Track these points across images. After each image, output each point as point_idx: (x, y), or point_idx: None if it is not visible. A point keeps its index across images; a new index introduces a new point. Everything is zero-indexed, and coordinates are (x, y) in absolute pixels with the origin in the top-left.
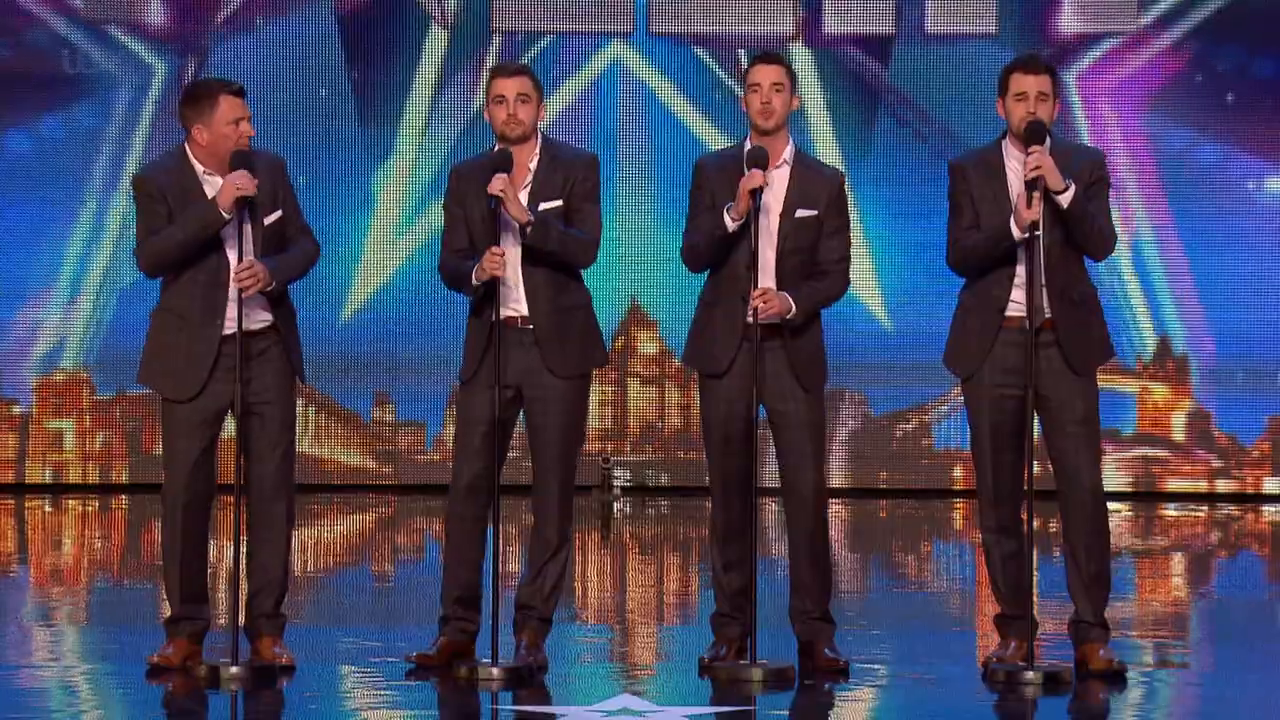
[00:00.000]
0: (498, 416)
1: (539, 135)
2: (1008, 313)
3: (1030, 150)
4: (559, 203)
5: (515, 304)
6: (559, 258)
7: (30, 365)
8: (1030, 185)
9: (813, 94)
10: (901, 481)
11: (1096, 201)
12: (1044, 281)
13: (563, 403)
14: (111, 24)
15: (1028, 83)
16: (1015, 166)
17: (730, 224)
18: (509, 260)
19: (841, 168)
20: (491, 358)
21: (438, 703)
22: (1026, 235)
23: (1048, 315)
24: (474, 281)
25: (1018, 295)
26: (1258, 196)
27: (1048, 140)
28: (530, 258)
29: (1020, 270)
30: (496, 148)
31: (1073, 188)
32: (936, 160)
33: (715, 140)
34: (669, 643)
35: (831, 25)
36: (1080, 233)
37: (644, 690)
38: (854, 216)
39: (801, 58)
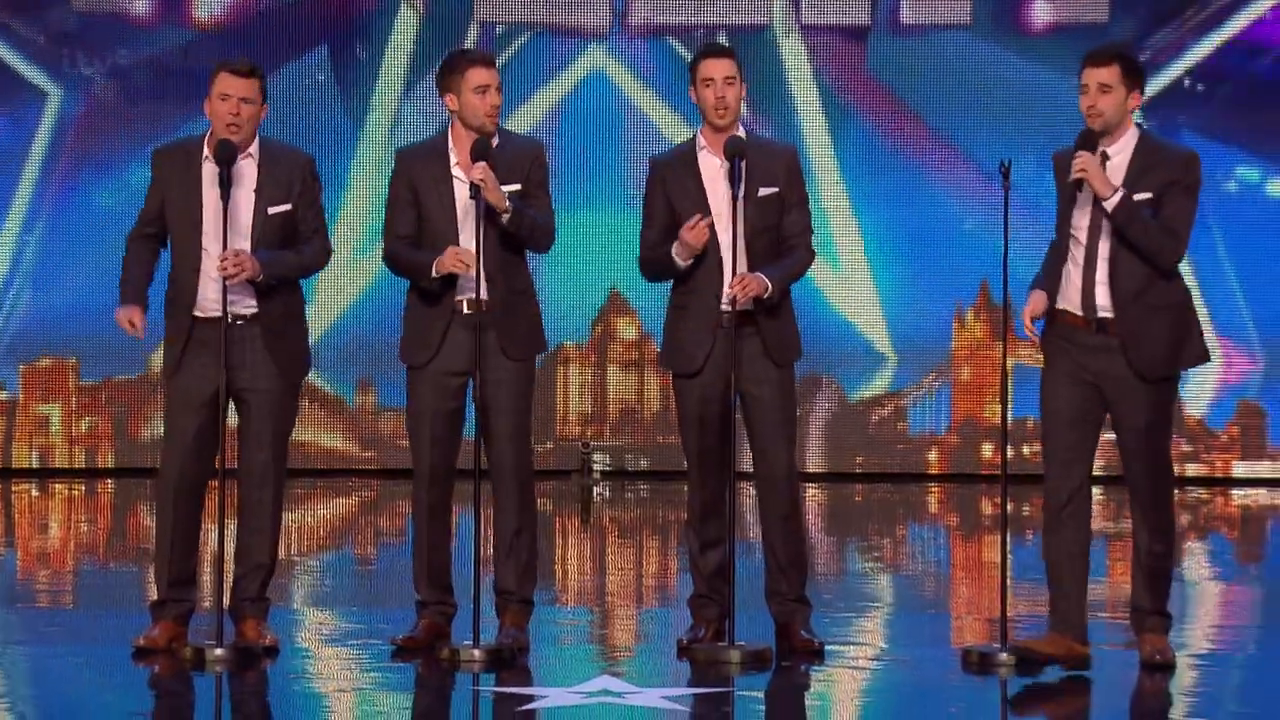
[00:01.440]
0: (459, 404)
1: None
2: (1057, 305)
3: (1077, 154)
4: (518, 186)
5: (470, 289)
6: (526, 243)
7: (17, 351)
8: (1076, 186)
9: (803, 81)
10: (877, 466)
11: (1171, 205)
12: (1107, 280)
13: (514, 384)
14: (103, 13)
15: (1087, 75)
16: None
17: (680, 264)
18: (469, 245)
19: (829, 154)
20: (448, 344)
21: (420, 684)
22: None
23: (1109, 315)
24: (434, 274)
25: (1071, 287)
26: (1224, 184)
27: (1118, 145)
28: (493, 242)
29: (1076, 263)
30: (450, 131)
31: (1119, 194)
32: (912, 149)
33: (689, 129)
34: (648, 625)
35: (809, 16)
36: (1129, 239)
37: (623, 672)
38: (841, 205)
39: (785, 45)
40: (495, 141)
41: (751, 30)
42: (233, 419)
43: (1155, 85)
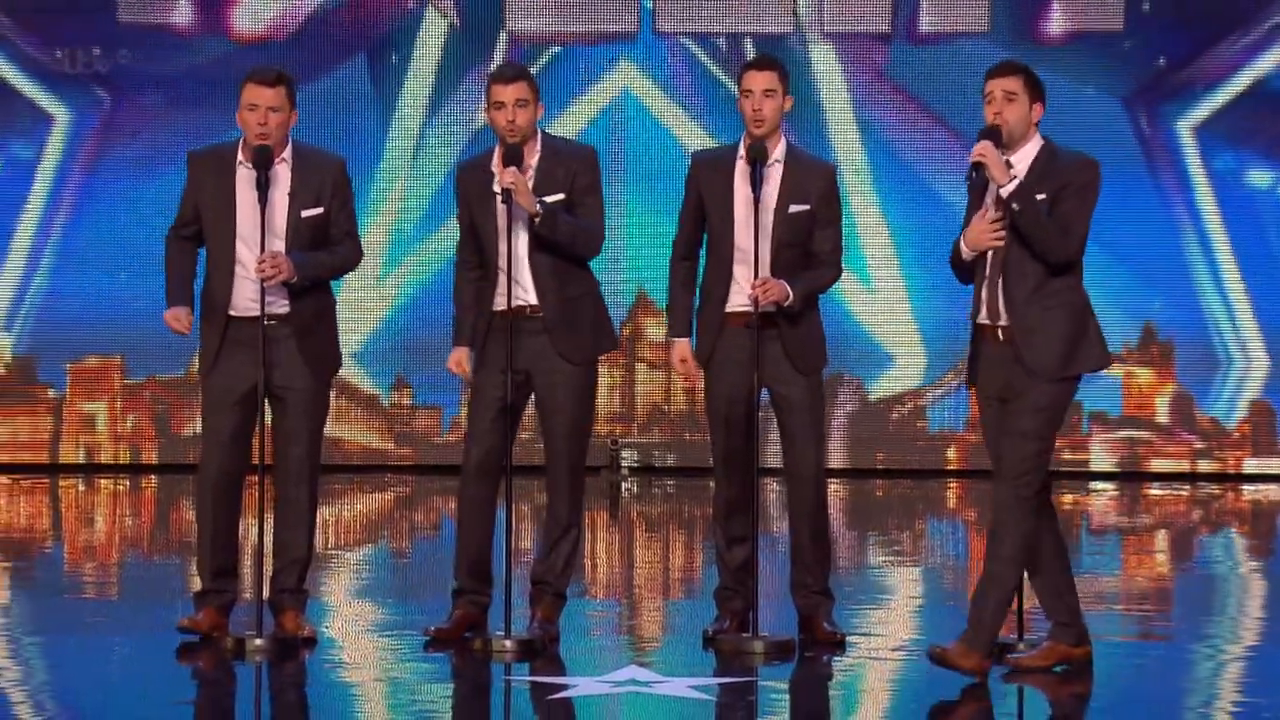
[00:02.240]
0: (509, 400)
1: (538, 132)
2: (977, 319)
3: (978, 143)
4: (561, 196)
5: (523, 294)
6: (567, 248)
7: (64, 350)
8: (976, 167)
9: (825, 87)
10: (898, 462)
11: (1065, 205)
12: (1001, 285)
13: (571, 387)
14: (147, 24)
15: (992, 85)
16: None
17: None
18: (518, 252)
19: (851, 158)
20: (496, 344)
21: (453, 674)
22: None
23: (1006, 323)
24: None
25: (983, 298)
26: (1238, 187)
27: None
28: (538, 248)
29: (985, 273)
30: (497, 147)
31: (1014, 182)
32: (932, 153)
33: (714, 133)
34: (675, 616)
35: (831, 23)
36: (1022, 229)
37: (651, 662)
38: (862, 208)
39: (808, 52)
40: (539, 150)
41: (774, 38)
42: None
43: (1209, 105)
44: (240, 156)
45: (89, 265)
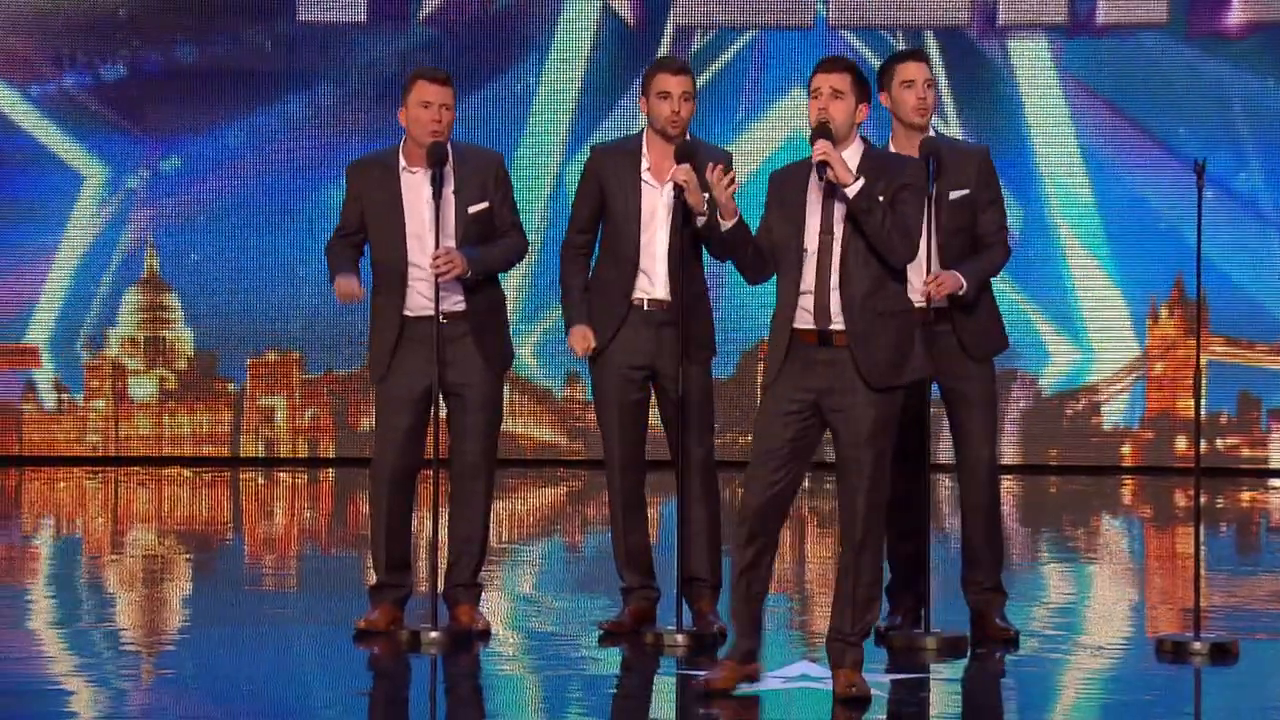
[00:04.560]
0: (642, 396)
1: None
2: (795, 324)
3: (816, 141)
4: (705, 195)
5: (649, 287)
6: (715, 249)
7: (245, 346)
8: (820, 167)
9: (1001, 79)
10: (1072, 459)
11: (903, 206)
12: (837, 289)
13: (690, 381)
14: (325, 22)
15: (820, 80)
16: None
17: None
18: (652, 246)
19: (1026, 151)
20: (624, 338)
21: (625, 667)
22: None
23: (839, 327)
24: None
25: (805, 302)
26: None
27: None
28: (692, 244)
29: (808, 277)
30: (644, 134)
31: (860, 181)
32: (1109, 146)
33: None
34: None
35: (1006, 15)
36: (867, 230)
37: (822, 658)
38: (1038, 201)
39: (984, 44)
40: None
41: (950, 29)
42: (441, 411)
43: None
44: (403, 161)
45: (270, 261)
